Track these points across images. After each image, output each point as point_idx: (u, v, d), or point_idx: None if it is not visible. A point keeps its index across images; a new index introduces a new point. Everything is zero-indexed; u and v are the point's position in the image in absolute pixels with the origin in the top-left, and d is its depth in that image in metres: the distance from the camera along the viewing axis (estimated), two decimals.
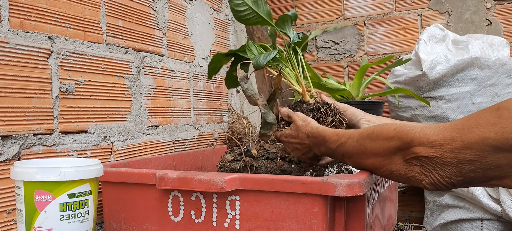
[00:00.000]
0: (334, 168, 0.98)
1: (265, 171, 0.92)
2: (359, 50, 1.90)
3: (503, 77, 1.47)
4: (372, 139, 0.68)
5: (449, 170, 0.59)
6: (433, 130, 0.60)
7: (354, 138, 0.72)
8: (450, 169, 0.58)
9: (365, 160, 0.70)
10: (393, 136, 0.65)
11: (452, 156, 0.57)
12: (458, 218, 1.55)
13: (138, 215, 0.82)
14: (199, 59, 1.47)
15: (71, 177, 0.64)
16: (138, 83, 1.16)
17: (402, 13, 1.82)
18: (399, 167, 0.65)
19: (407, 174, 0.64)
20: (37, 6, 0.87)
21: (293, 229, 0.69)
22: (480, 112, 0.56)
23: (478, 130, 0.55)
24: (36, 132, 0.86)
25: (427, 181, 0.62)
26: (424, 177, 0.62)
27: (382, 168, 0.67)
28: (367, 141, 0.69)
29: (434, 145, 0.59)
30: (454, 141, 0.57)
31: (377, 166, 0.68)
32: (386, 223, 1.05)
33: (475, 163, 0.56)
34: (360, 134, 0.71)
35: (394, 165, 0.65)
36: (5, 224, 0.81)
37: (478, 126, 0.55)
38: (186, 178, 0.72)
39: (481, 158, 0.55)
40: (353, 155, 0.73)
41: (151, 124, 1.21)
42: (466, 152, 0.56)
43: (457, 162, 0.57)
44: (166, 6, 1.29)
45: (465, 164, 0.57)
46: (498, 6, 1.68)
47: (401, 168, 0.65)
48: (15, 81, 0.83)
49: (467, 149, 0.56)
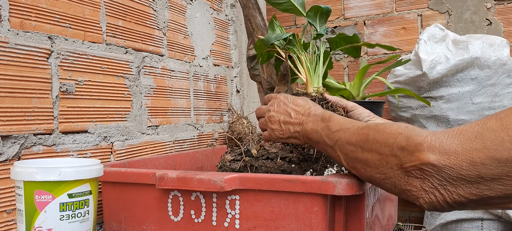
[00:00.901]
0: (334, 167, 0.98)
1: (265, 171, 0.92)
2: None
3: (503, 77, 1.47)
4: (379, 130, 0.58)
5: (463, 186, 0.48)
6: (447, 134, 0.50)
7: (360, 125, 0.63)
8: (465, 185, 0.47)
9: (361, 154, 0.60)
10: (402, 132, 0.55)
11: (472, 168, 0.46)
12: (458, 218, 1.55)
13: (138, 215, 0.82)
14: (199, 59, 1.47)
15: (71, 177, 0.64)
16: (138, 83, 1.16)
17: (402, 13, 1.82)
18: (395, 174, 0.54)
19: (403, 186, 0.54)
20: (37, 6, 0.87)
21: (293, 229, 0.69)
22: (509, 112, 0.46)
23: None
24: (36, 131, 0.86)
25: (426, 199, 0.51)
26: (423, 194, 0.51)
27: (378, 169, 0.57)
28: (372, 131, 0.59)
29: (448, 152, 0.48)
30: (476, 149, 0.46)
31: (373, 164, 0.58)
32: (386, 222, 1.05)
33: (504, 180, 0.45)
34: (368, 124, 0.62)
35: (391, 170, 0.55)
36: (5, 224, 0.81)
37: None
38: (186, 178, 0.72)
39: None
40: (350, 143, 0.62)
41: (151, 124, 1.21)
42: (492, 164, 0.45)
43: (477, 175, 0.46)
44: (166, 6, 1.29)
45: (488, 180, 0.46)
46: (498, 6, 1.68)
47: (396, 176, 0.54)
48: (15, 81, 0.83)
49: (495, 161, 0.45)
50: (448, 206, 0.50)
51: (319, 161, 0.93)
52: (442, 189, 0.49)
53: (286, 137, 0.79)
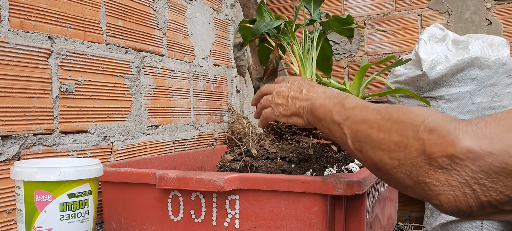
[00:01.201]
0: (334, 167, 0.98)
1: (265, 171, 0.92)
2: (359, 50, 1.90)
3: (503, 77, 1.47)
4: (404, 110, 0.51)
5: (506, 180, 0.40)
6: (484, 120, 0.43)
7: (381, 105, 0.57)
8: (509, 178, 0.40)
9: (376, 133, 0.52)
10: (432, 114, 0.47)
11: None
12: (458, 218, 1.55)
13: (138, 214, 0.82)
14: (199, 59, 1.47)
15: (71, 177, 0.64)
16: (138, 83, 1.16)
17: (402, 13, 1.82)
18: (413, 162, 0.46)
19: (421, 177, 0.45)
20: (37, 6, 0.87)
21: (293, 228, 0.69)
22: None
23: None
24: (36, 131, 0.86)
25: (449, 197, 0.43)
26: (446, 189, 0.43)
27: (393, 153, 0.48)
28: (397, 110, 0.51)
29: (490, 136, 0.41)
30: None
31: (386, 147, 0.50)
32: (386, 222, 1.06)
33: None
34: (390, 104, 0.56)
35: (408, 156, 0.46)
36: (5, 224, 0.81)
37: None
38: (186, 178, 0.72)
39: None
40: (366, 121, 0.54)
41: (151, 124, 1.21)
42: None
43: None
44: (166, 6, 1.29)
45: None
46: (498, 6, 1.68)
47: (415, 164, 0.45)
48: (15, 81, 0.83)
49: None
50: (478, 207, 0.42)
51: (319, 161, 0.93)
52: (475, 184, 0.41)
53: (289, 114, 0.73)
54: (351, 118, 0.58)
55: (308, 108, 0.68)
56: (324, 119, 0.64)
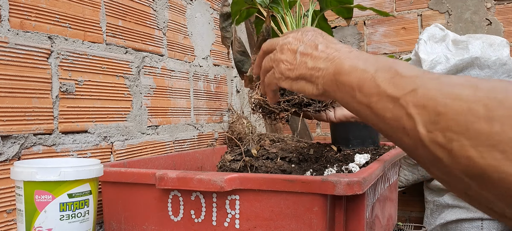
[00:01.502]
0: (334, 167, 0.98)
1: (265, 171, 0.92)
2: None
3: (503, 77, 1.47)
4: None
5: None
6: None
7: (463, 77, 0.38)
8: None
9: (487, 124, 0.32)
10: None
11: None
12: (458, 218, 1.55)
13: (138, 215, 0.82)
14: (199, 59, 1.47)
15: (71, 177, 0.64)
16: (138, 83, 1.16)
17: (402, 13, 1.82)
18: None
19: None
20: (37, 6, 0.87)
21: (293, 228, 0.69)
22: None
23: None
24: (36, 131, 0.86)
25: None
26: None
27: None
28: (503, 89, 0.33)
29: None
30: None
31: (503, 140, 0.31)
32: (386, 222, 1.06)
33: None
34: (472, 77, 0.37)
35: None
36: (5, 224, 0.81)
37: None
38: (186, 178, 0.72)
39: None
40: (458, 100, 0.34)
41: (151, 124, 1.21)
42: None
43: None
44: (166, 6, 1.29)
45: None
46: (498, 6, 1.68)
47: None
48: (15, 81, 0.83)
49: None
50: None
51: (319, 161, 0.93)
52: None
53: (294, 76, 0.54)
54: (421, 90, 0.38)
55: (329, 72, 0.49)
56: (361, 90, 0.44)
